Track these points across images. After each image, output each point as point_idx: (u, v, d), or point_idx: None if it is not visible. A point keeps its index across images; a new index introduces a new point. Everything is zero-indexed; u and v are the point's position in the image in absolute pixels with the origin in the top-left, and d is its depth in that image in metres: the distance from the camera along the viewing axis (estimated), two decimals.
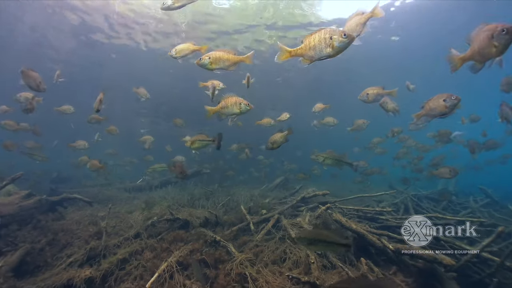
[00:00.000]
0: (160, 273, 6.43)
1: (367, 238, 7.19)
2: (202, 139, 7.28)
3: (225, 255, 6.82)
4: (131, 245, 8.19)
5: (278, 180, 16.08)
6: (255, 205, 10.76)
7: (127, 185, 17.28)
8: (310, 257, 6.07)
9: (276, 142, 6.64)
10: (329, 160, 6.75)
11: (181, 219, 9.00)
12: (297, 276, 5.37)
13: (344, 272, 5.72)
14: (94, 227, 9.66)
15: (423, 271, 6.83)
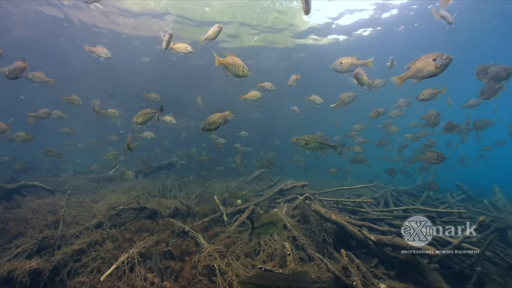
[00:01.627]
0: (119, 265, 5.74)
1: (348, 229, 6.74)
2: (146, 113, 7.42)
3: (193, 247, 6.19)
4: (91, 235, 7.42)
5: (256, 173, 15.53)
6: (230, 196, 10.15)
7: (97, 175, 16.28)
8: (286, 249, 5.53)
9: (214, 122, 6.07)
10: (312, 143, 6.22)
11: (149, 209, 8.28)
12: (270, 269, 4.82)
13: (323, 264, 5.21)
14: (52, 216, 8.81)
15: (405, 263, 6.45)
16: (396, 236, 6.70)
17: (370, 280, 5.19)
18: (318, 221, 7.45)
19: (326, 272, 5.21)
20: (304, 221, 7.63)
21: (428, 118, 10.97)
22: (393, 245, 6.28)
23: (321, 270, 5.29)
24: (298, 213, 7.80)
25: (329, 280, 2.96)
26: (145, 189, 11.56)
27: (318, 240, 6.94)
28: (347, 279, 5.05)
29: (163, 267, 5.76)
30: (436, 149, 11.34)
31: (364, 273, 5.24)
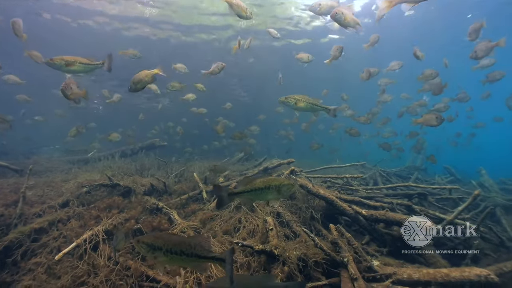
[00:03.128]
0: (80, 243, 5.09)
1: (337, 204, 6.21)
2: (85, 62, 5.66)
3: (165, 223, 5.56)
4: (54, 214, 6.70)
5: (241, 154, 14.92)
6: (212, 174, 9.52)
7: (72, 157, 15.37)
8: (268, 223, 4.95)
9: (141, 81, 5.44)
10: (302, 103, 5.59)
11: (122, 186, 7.57)
12: (249, 245, 4.23)
13: (309, 240, 4.66)
14: (14, 196, 7.98)
15: (398, 240, 5.99)
16: (389, 211, 6.26)
17: (362, 256, 4.68)
18: (305, 197, 6.90)
19: (313, 249, 4.67)
20: (290, 197, 7.08)
21: (425, 78, 10.16)
22: (386, 220, 5.81)
23: (307, 247, 4.74)
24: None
25: (227, 250, 2.71)
26: (121, 168, 10.81)
27: (305, 217, 6.40)
28: (337, 256, 4.53)
29: (131, 246, 5.12)
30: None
31: (356, 248, 4.72)
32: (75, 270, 4.68)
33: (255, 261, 4.41)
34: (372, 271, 4.63)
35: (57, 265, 5.02)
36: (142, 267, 4.47)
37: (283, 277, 4.03)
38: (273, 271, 4.13)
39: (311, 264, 4.42)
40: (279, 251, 4.27)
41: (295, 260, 4.25)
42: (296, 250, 4.43)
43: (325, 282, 4.37)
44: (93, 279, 4.39)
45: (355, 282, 4.15)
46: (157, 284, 4.22)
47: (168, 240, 2.62)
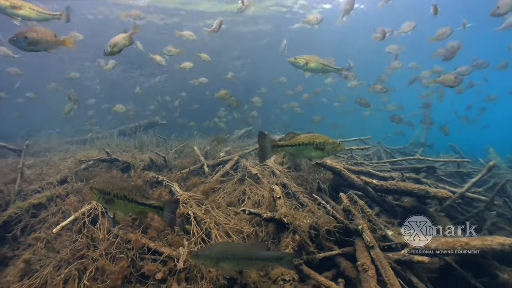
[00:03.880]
0: (78, 216, 4.90)
1: (345, 175, 5.99)
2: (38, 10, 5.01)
3: (166, 195, 5.36)
4: (53, 190, 6.53)
5: (242, 131, 14.63)
6: (212, 150, 9.30)
7: (71, 139, 15.16)
8: (275, 192, 4.74)
9: (117, 44, 5.13)
10: (313, 63, 5.28)
11: (121, 161, 7.36)
12: (257, 212, 4.02)
13: (318, 209, 4.48)
14: (13, 174, 7.80)
15: (409, 211, 5.82)
16: (400, 181, 6.06)
17: (377, 225, 4.51)
18: (311, 168, 6.70)
19: (325, 217, 4.50)
20: (295, 168, 6.87)
21: (438, 38, 9.40)
22: (397, 190, 5.59)
23: (318, 216, 4.56)
24: (288, 160, 7.01)
25: (170, 200, 3.13)
26: (119, 145, 10.58)
27: (312, 188, 6.20)
28: (350, 224, 4.35)
29: (130, 219, 4.94)
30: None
31: (369, 217, 4.54)
32: (74, 244, 4.53)
33: (262, 231, 4.22)
34: (387, 240, 4.47)
35: (56, 240, 4.89)
36: (143, 239, 4.29)
37: (294, 246, 3.85)
38: (283, 241, 3.94)
39: (322, 233, 4.25)
40: (288, 219, 4.07)
41: (307, 228, 4.06)
42: (306, 219, 4.24)
43: (338, 252, 4.20)
44: (92, 253, 4.23)
45: (371, 250, 3.98)
46: (160, 256, 4.05)
47: (116, 186, 2.72)
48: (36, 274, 4.09)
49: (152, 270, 3.77)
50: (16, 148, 10.45)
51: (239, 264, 2.88)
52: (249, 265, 2.94)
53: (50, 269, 4.08)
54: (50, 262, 4.23)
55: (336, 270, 4.17)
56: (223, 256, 2.81)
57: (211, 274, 3.49)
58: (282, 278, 3.21)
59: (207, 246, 3.91)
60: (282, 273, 3.30)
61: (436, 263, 4.37)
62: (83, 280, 3.68)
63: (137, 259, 4.03)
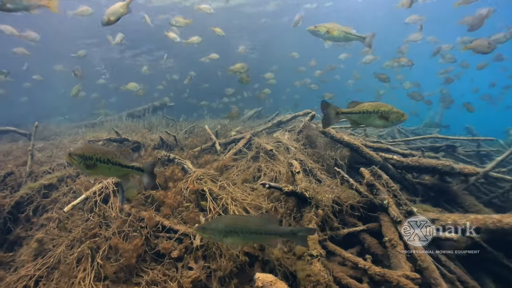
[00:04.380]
0: (89, 195, 4.75)
1: (363, 151, 5.73)
2: None
3: (179, 173, 5.15)
4: (63, 170, 6.41)
5: (252, 111, 14.29)
6: (223, 128, 9.06)
7: (80, 123, 15.09)
8: (294, 166, 4.50)
9: (115, 13, 4.88)
10: (335, 31, 4.94)
11: (131, 141, 7.19)
12: (277, 186, 3.79)
13: (343, 180, 4.24)
14: (24, 157, 7.72)
15: (430, 189, 5.56)
16: (422, 157, 5.77)
17: (402, 200, 4.24)
18: (327, 145, 6.43)
19: (347, 192, 4.27)
20: (310, 145, 6.60)
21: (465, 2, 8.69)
22: (419, 166, 5.32)
23: (339, 191, 4.32)
24: (303, 137, 6.74)
25: (149, 162, 3.05)
26: (129, 127, 10.40)
27: (329, 165, 5.94)
28: (375, 198, 4.10)
29: (143, 197, 4.78)
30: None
31: (394, 191, 4.28)
32: (86, 223, 4.39)
33: (282, 206, 4.01)
34: (412, 216, 4.22)
35: (68, 219, 4.77)
36: (157, 217, 4.13)
37: (318, 221, 3.63)
38: (305, 216, 3.73)
39: (346, 209, 4.02)
40: (310, 193, 3.84)
41: (330, 202, 3.84)
42: (328, 193, 4.01)
43: (363, 228, 3.99)
44: (105, 231, 4.09)
45: (398, 226, 3.75)
46: (175, 234, 3.88)
47: (98, 151, 2.78)
48: (49, 253, 3.99)
49: (167, 248, 3.61)
50: (27, 132, 10.42)
51: (249, 239, 2.68)
52: (260, 239, 2.75)
53: (63, 248, 3.96)
54: (63, 242, 4.11)
55: (360, 247, 3.98)
56: (232, 229, 2.64)
57: (231, 251, 3.30)
58: (309, 253, 3.00)
59: (214, 219, 3.72)
60: (307, 248, 3.09)
61: (463, 242, 4.12)
62: (97, 259, 3.54)
63: (151, 237, 3.87)
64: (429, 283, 3.30)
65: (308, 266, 2.91)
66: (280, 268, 3.12)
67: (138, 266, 3.60)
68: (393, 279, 3.15)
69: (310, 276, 2.81)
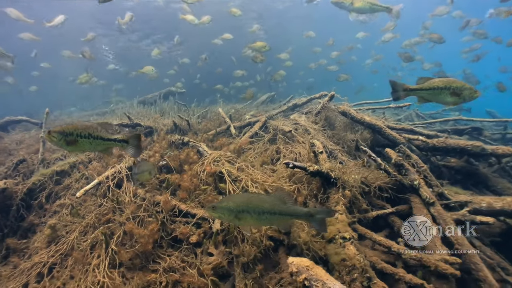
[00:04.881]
0: (102, 180, 4.56)
1: (386, 132, 5.43)
2: None
3: (194, 156, 4.93)
4: (75, 157, 6.26)
5: (264, 96, 13.88)
6: (236, 112, 8.78)
7: (92, 112, 15.04)
8: (316, 146, 4.22)
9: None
10: (360, 2, 4.61)
11: (143, 126, 7.00)
12: (301, 165, 3.52)
13: (370, 159, 3.95)
14: (36, 145, 7.64)
15: (458, 172, 5.21)
16: (449, 138, 5.41)
17: (433, 181, 3.94)
18: (346, 126, 6.12)
19: (374, 173, 3.97)
20: (329, 127, 6.29)
21: None
22: (446, 147, 5.00)
23: (362, 172, 4.03)
24: (321, 118, 6.42)
25: (133, 133, 2.99)
26: (140, 113, 10.22)
27: (350, 147, 5.64)
28: (404, 179, 3.80)
29: (158, 181, 4.57)
30: None
31: (424, 172, 3.97)
32: (99, 208, 4.21)
33: (305, 188, 3.74)
34: (443, 198, 3.92)
35: (81, 206, 4.61)
36: (173, 201, 3.91)
37: (346, 202, 3.36)
38: (332, 197, 3.46)
39: (373, 190, 3.74)
40: (336, 173, 3.56)
41: (358, 183, 3.56)
42: (354, 174, 3.73)
43: (392, 210, 3.71)
44: (119, 217, 3.90)
45: (431, 207, 3.47)
46: (192, 218, 3.66)
47: (79, 126, 2.70)
48: (62, 240, 3.83)
49: (185, 233, 3.40)
50: (39, 121, 10.32)
51: (262, 219, 2.43)
52: (273, 220, 2.46)
53: (76, 235, 3.80)
54: (76, 228, 3.95)
55: (388, 231, 3.73)
56: (243, 208, 2.40)
57: (254, 234, 3.06)
58: (342, 236, 2.74)
59: (225, 197, 3.46)
60: (339, 230, 2.83)
61: (497, 227, 3.80)
62: (111, 245, 3.36)
63: (168, 222, 3.66)
64: (469, 268, 3.02)
65: (341, 250, 2.67)
66: (309, 252, 2.88)
67: (154, 252, 3.40)
68: (431, 263, 2.90)
69: (345, 260, 2.56)
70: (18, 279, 3.44)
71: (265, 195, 2.75)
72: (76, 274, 3.22)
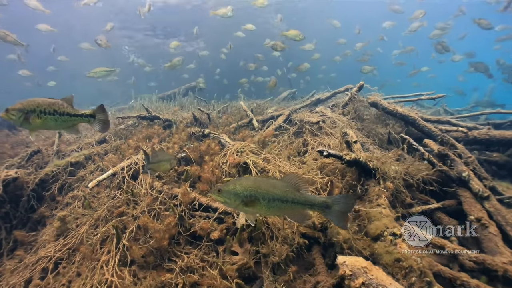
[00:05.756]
0: (117, 171, 4.24)
1: (420, 124, 4.94)
2: None
3: (215, 147, 4.55)
4: (91, 149, 6.02)
5: (285, 93, 13.45)
6: (258, 107, 8.38)
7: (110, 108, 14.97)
8: (350, 136, 3.75)
9: None
10: None
11: (162, 119, 6.68)
12: (337, 154, 3.07)
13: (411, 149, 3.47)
14: (53, 138, 7.51)
15: (502, 167, 4.63)
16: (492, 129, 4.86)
17: (482, 174, 3.42)
18: (376, 119, 5.63)
19: (414, 164, 3.48)
20: (358, 119, 5.81)
21: None
22: (489, 140, 4.54)
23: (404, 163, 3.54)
24: (350, 111, 5.94)
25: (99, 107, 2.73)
26: (159, 108, 9.95)
27: (381, 139, 5.15)
28: (450, 170, 3.29)
29: (176, 173, 4.21)
30: None
31: (472, 163, 3.46)
32: (112, 200, 3.87)
33: (339, 180, 3.28)
34: (496, 193, 3.40)
35: (94, 198, 4.30)
36: (192, 193, 3.52)
37: (388, 195, 2.89)
38: (371, 190, 3.00)
39: (415, 182, 3.25)
40: (374, 164, 3.09)
41: (401, 174, 3.09)
42: (394, 165, 3.25)
43: (438, 205, 3.22)
44: (133, 210, 3.54)
45: (486, 202, 2.98)
46: (214, 213, 3.26)
47: (42, 102, 2.56)
48: (72, 234, 3.50)
49: (205, 229, 3.00)
50: None
51: (272, 207, 2.08)
52: (285, 209, 2.10)
53: (86, 228, 3.47)
54: (87, 221, 3.62)
55: None
56: (251, 193, 2.08)
57: (285, 231, 2.63)
58: (391, 232, 2.28)
59: (233, 180, 3.04)
60: (386, 226, 2.37)
61: None
62: (122, 240, 2.99)
63: (186, 217, 3.27)
64: None
65: (393, 248, 2.21)
66: (351, 252, 2.43)
67: (170, 249, 3.02)
68: (498, 267, 2.43)
69: (400, 261, 2.12)
70: (21, 274, 3.12)
71: (276, 180, 2.32)
72: (83, 271, 2.87)
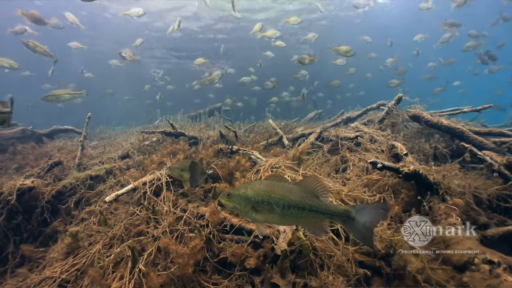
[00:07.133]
0: (137, 185, 3.85)
1: (469, 137, 4.39)
2: None
3: (246, 163, 4.10)
4: (113, 163, 5.73)
5: (312, 114, 13.07)
6: (286, 127, 7.98)
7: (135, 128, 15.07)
8: (399, 148, 3.23)
9: None
10: None
11: (187, 136, 6.35)
12: (392, 166, 2.56)
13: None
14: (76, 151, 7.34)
15: None
16: None
17: None
18: (417, 133, 5.09)
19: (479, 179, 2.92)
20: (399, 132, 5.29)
21: None
22: None
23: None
24: (387, 125, 5.43)
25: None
26: (184, 127, 9.74)
27: (426, 154, 4.58)
28: None
29: (202, 191, 3.77)
30: None
31: None
32: (131, 217, 3.45)
33: (392, 198, 2.73)
34: None
35: (111, 214, 3.90)
36: (221, 213, 3.05)
37: (459, 213, 2.33)
38: (436, 207, 2.45)
39: (486, 199, 2.67)
40: (435, 177, 2.55)
41: (471, 188, 2.54)
42: (456, 179, 2.71)
43: None
44: (153, 229, 3.10)
45: None
46: (248, 236, 2.76)
47: None
48: (82, 252, 3.08)
49: (238, 255, 2.51)
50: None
51: (286, 215, 1.79)
52: (301, 218, 1.78)
53: (99, 247, 3.03)
54: (101, 239, 3.19)
55: None
56: (264, 198, 1.82)
57: (338, 258, 2.09)
58: (485, 259, 1.73)
59: (245, 183, 2.53)
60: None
61: None
62: (139, 264, 2.53)
63: (215, 240, 2.78)
64: None
65: (497, 281, 1.64)
66: (428, 286, 1.85)
67: (195, 278, 2.53)
68: None
69: None
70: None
71: (291, 185, 1.89)
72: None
